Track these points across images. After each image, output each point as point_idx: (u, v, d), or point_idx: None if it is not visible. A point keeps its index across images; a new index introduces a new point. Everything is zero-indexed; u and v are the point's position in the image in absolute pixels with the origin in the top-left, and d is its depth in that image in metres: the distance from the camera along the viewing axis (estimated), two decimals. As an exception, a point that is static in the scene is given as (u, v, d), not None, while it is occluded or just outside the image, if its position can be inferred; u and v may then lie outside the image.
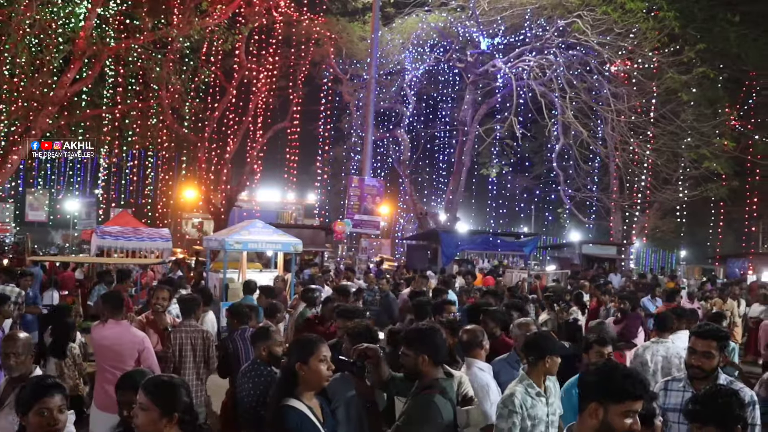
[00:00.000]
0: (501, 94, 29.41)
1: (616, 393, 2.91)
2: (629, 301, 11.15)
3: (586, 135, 25.87)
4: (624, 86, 26.85)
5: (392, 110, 33.80)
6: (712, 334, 4.56)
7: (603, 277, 22.69)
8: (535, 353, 4.88)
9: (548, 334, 5.90)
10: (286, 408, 3.84)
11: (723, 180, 31.05)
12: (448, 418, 4.10)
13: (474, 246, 26.35)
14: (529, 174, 39.73)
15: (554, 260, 31.99)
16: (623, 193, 31.87)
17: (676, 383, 4.69)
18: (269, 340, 5.71)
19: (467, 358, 5.34)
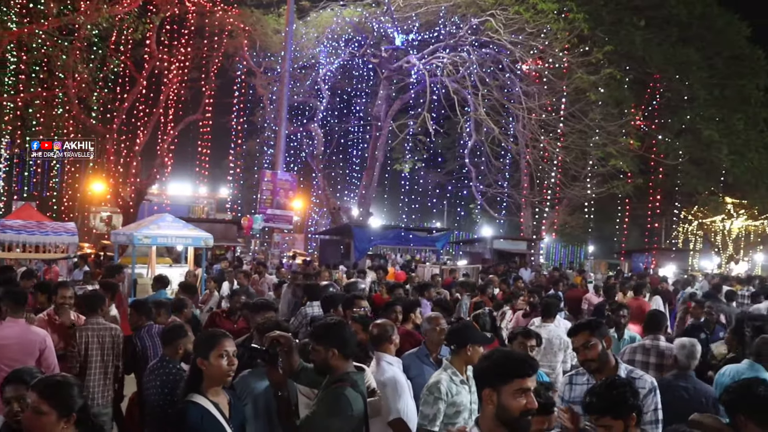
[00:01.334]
0: (415, 90, 29.54)
1: (503, 374, 2.96)
2: (538, 295, 11.42)
3: (497, 132, 26.25)
4: (535, 85, 27.32)
5: (306, 104, 33.57)
6: (582, 327, 4.67)
7: (514, 271, 23.12)
8: (458, 342, 4.99)
9: (471, 324, 5.97)
10: (188, 404, 3.82)
11: (628, 178, 32.01)
12: (358, 411, 4.10)
13: (387, 241, 26.47)
14: (442, 170, 40.09)
15: (466, 255, 32.40)
16: (533, 189, 32.49)
17: (580, 377, 4.74)
18: (185, 338, 5.57)
19: (377, 352, 5.33)
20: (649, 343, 7.00)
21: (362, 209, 31.05)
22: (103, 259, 20.46)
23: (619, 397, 3.67)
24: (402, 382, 5.11)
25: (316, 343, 4.20)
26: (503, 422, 2.95)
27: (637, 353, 6.97)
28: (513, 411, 2.92)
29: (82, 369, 6.70)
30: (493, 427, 2.97)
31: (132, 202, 28.17)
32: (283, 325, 5.20)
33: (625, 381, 3.85)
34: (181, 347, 5.48)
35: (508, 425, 2.95)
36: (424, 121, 25.87)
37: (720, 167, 36.97)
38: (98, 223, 38.35)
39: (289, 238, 32.75)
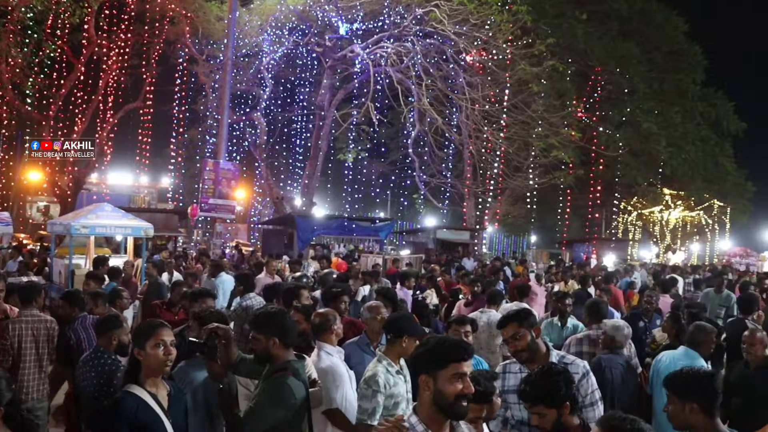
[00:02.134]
0: (359, 79, 29.46)
1: (438, 360, 2.96)
2: (480, 284, 11.54)
3: (441, 122, 26.32)
4: (479, 76, 27.45)
5: (249, 93, 33.24)
6: (511, 318, 4.64)
7: (457, 261, 23.26)
8: (394, 332, 4.96)
9: (410, 315, 5.95)
10: (123, 395, 3.78)
11: (570, 168, 32.45)
12: (301, 400, 4.08)
13: (330, 231, 26.39)
14: (386, 160, 40.14)
15: (409, 245, 32.49)
16: (476, 179, 32.68)
17: (513, 365, 4.72)
18: (119, 328, 5.45)
19: (318, 341, 5.29)
20: (594, 333, 7.07)
21: (305, 199, 30.91)
22: (39, 250, 20.00)
23: (552, 386, 3.69)
24: (341, 372, 5.09)
25: (257, 332, 4.15)
26: (440, 408, 2.95)
27: (584, 344, 7.03)
28: (449, 396, 2.92)
29: (15, 362, 6.53)
30: (431, 414, 2.96)
31: (70, 192, 27.59)
32: (221, 315, 5.12)
33: (560, 370, 3.85)
34: (115, 338, 5.35)
35: (444, 410, 2.95)
36: (367, 110, 25.84)
37: (658, 159, 37.77)
38: (35, 212, 37.52)
39: (232, 228, 32.52)
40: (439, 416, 2.97)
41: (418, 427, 2.94)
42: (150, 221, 16.73)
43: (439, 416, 2.97)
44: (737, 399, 6.70)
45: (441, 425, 2.99)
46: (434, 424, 2.97)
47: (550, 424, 3.69)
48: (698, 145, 39.08)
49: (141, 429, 3.73)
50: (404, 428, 2.92)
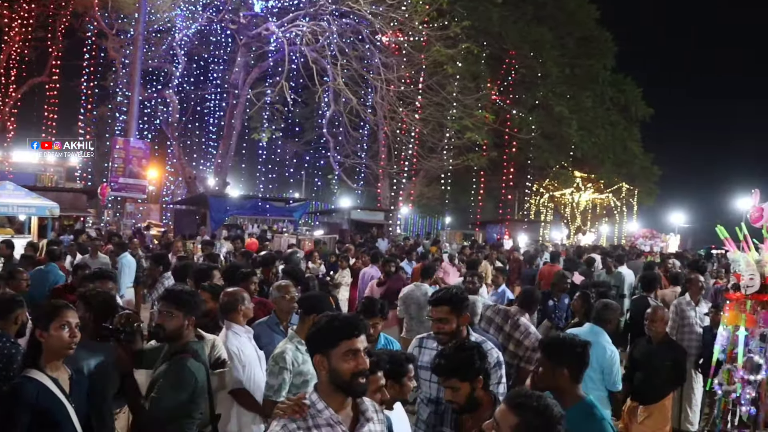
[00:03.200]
0: (273, 58, 29.08)
1: (330, 338, 2.94)
2: (392, 264, 11.64)
3: (355, 103, 26.28)
4: (394, 57, 27.47)
5: (161, 69, 32.44)
6: (444, 301, 4.60)
7: (371, 241, 23.29)
8: (306, 309, 4.93)
9: (321, 294, 5.92)
10: (23, 380, 3.64)
11: (483, 150, 32.84)
12: (202, 381, 4.04)
13: (243, 211, 26.14)
14: (300, 140, 39.76)
15: (324, 225, 32.41)
16: (391, 160, 32.80)
17: (430, 341, 4.71)
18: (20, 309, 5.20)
19: (226, 321, 5.25)
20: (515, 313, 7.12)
21: (219, 179, 30.48)
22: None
23: (466, 359, 3.71)
24: (247, 353, 5.06)
25: (175, 308, 4.10)
26: (337, 386, 2.93)
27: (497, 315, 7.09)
28: (344, 374, 2.90)
29: None
30: (330, 392, 2.95)
31: (-30, 170, 26.55)
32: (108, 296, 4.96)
33: (474, 344, 3.88)
34: (15, 320, 5.13)
35: (342, 389, 2.94)
36: (282, 90, 25.56)
37: (570, 142, 38.61)
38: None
39: (143, 208, 31.80)
40: (338, 394, 2.96)
41: (319, 404, 2.92)
42: (56, 201, 16.31)
43: (338, 394, 2.96)
44: (640, 373, 6.95)
45: (342, 402, 2.98)
46: (334, 401, 2.95)
47: (463, 398, 3.70)
48: (608, 130, 40.20)
49: (42, 415, 3.60)
50: (305, 406, 2.90)
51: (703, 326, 8.67)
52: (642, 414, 6.85)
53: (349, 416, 3.01)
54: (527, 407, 2.79)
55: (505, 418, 2.80)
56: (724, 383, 5.65)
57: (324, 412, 2.92)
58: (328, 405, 2.93)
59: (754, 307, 5.54)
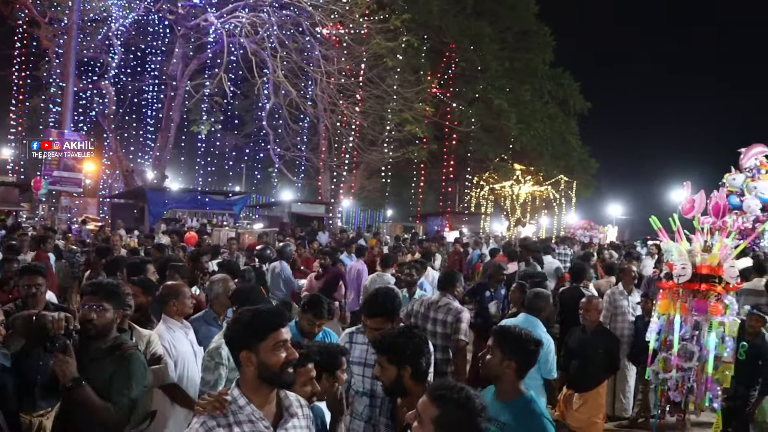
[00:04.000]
0: (212, 49, 28.70)
1: (257, 331, 2.91)
2: (330, 257, 11.62)
3: (295, 95, 26.12)
4: (334, 49, 27.37)
5: (97, 60, 31.67)
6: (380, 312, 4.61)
7: (312, 235, 23.24)
8: (240, 303, 4.94)
9: (255, 286, 5.89)
10: None
11: (424, 143, 32.98)
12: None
13: (183, 204, 25.87)
14: (240, 132, 39.32)
15: (264, 219, 32.22)
16: (332, 153, 32.71)
17: (360, 336, 4.72)
18: None
19: (163, 315, 5.21)
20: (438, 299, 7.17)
21: (157, 172, 30.03)
22: None
23: (400, 344, 3.76)
24: (181, 348, 5.03)
25: (105, 302, 3.98)
26: (267, 380, 2.91)
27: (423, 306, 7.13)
28: (274, 366, 2.88)
29: None
30: (254, 388, 2.92)
31: None
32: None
33: (415, 335, 3.91)
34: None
35: (272, 382, 2.93)
36: (221, 82, 25.28)
37: (509, 135, 38.97)
38: None
39: (80, 202, 31.16)
40: (262, 388, 2.93)
41: (240, 400, 2.89)
42: (-14, 194, 15.90)
43: (262, 388, 2.93)
44: (575, 361, 7.08)
45: (266, 397, 2.96)
46: (257, 396, 2.92)
47: (388, 380, 3.75)
48: (546, 123, 40.70)
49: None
50: (226, 402, 2.86)
51: (635, 315, 8.89)
52: (577, 401, 7.00)
53: (272, 412, 2.99)
54: (448, 399, 2.81)
55: (426, 410, 2.82)
56: (660, 371, 5.78)
57: (246, 408, 2.89)
58: (251, 401, 2.91)
59: (686, 296, 5.69)
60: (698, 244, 5.81)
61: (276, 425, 2.97)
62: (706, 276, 5.62)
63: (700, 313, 5.61)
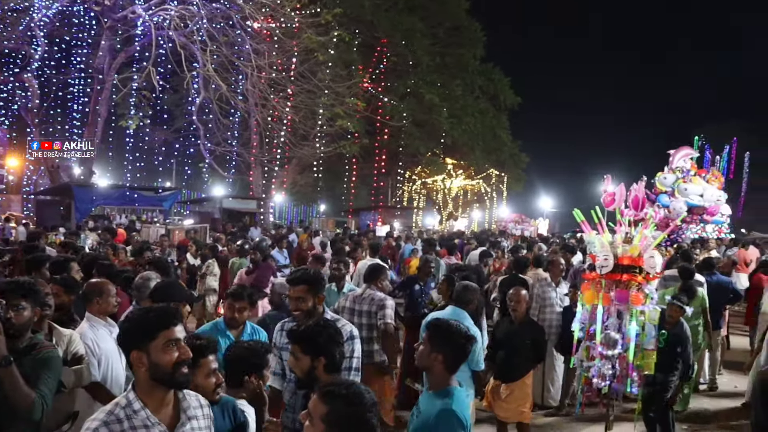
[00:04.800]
0: (140, 42, 28.14)
1: (147, 331, 2.87)
2: (261, 253, 11.61)
3: (225, 89, 25.80)
4: (265, 43, 27.14)
5: (19, 52, 30.72)
6: (302, 280, 4.71)
7: (243, 230, 23.10)
8: (160, 300, 4.84)
9: (175, 282, 5.83)
10: None
11: (355, 138, 32.99)
12: None
13: (111, 201, 25.46)
14: (170, 127, 38.67)
15: (195, 215, 31.86)
16: (263, 148, 32.46)
17: (289, 324, 4.71)
18: None
19: (86, 313, 5.14)
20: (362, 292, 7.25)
21: (84, 168, 29.35)
22: None
23: (314, 334, 3.78)
24: (105, 346, 4.95)
25: (24, 301, 3.93)
26: (159, 380, 2.86)
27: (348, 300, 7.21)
28: (167, 366, 2.83)
29: None
30: (149, 390, 2.87)
31: None
32: None
33: (330, 326, 3.93)
34: None
35: (165, 382, 2.88)
36: (149, 75, 24.83)
37: (440, 130, 39.25)
38: None
39: (2, 199, 30.37)
40: (157, 389, 2.88)
41: (135, 404, 2.83)
42: None
43: (157, 389, 2.88)
44: (502, 352, 7.22)
45: (162, 400, 2.90)
46: (154, 400, 2.87)
47: (301, 370, 3.77)
48: (477, 117, 41.10)
49: None
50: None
51: (563, 306, 9.09)
52: (504, 391, 7.12)
53: (168, 415, 2.92)
54: (336, 396, 2.76)
55: (316, 408, 2.76)
56: (584, 359, 5.92)
57: (140, 413, 2.82)
58: (146, 404, 2.84)
59: (609, 286, 5.84)
60: (619, 236, 5.97)
61: (173, 429, 2.91)
62: (628, 266, 5.78)
63: (622, 302, 5.76)
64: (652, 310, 5.86)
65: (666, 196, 23.90)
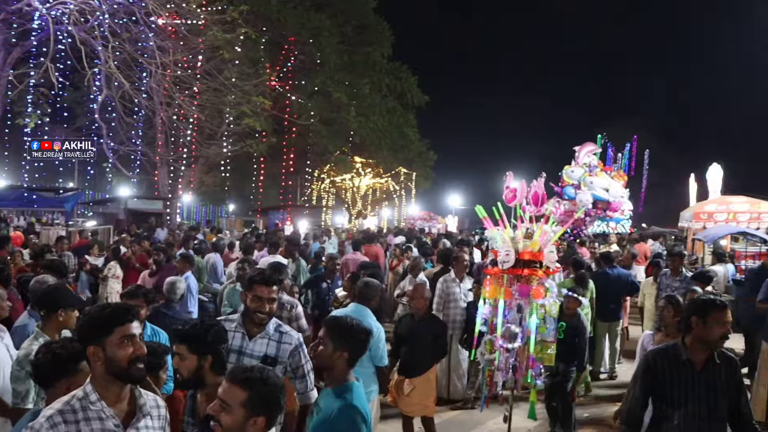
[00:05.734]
0: (38, 37, 27.11)
1: (103, 326, 2.95)
2: (164, 253, 11.54)
3: (129, 87, 25.14)
4: (170, 40, 26.58)
5: None
6: (274, 281, 4.78)
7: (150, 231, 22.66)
8: (48, 306, 4.73)
9: (63, 286, 5.69)
10: None
11: (263, 137, 32.74)
12: None
13: (8, 203, 24.56)
14: (70, 126, 37.52)
15: (99, 216, 31.03)
16: (169, 147, 31.83)
17: (228, 323, 4.67)
18: None
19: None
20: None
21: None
22: None
23: (201, 333, 3.81)
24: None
25: None
26: (115, 375, 2.93)
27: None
28: (122, 361, 2.92)
29: None
30: (106, 384, 2.94)
31: None
32: None
33: (216, 323, 4.01)
34: None
35: (120, 377, 2.95)
36: (48, 72, 23.98)
37: (348, 128, 39.43)
38: None
39: None
40: (113, 384, 2.95)
41: (92, 396, 2.90)
42: None
43: (113, 384, 2.95)
44: (405, 347, 7.32)
45: (118, 395, 2.97)
46: (110, 394, 2.94)
47: (188, 370, 3.77)
48: (385, 116, 41.47)
49: None
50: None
51: (467, 301, 9.26)
52: (408, 387, 7.24)
53: (124, 410, 2.99)
54: (253, 380, 2.88)
55: (234, 395, 2.86)
56: (486, 353, 6.02)
57: (96, 405, 2.89)
58: (103, 397, 2.90)
59: (511, 281, 5.96)
60: (520, 231, 6.09)
61: (128, 424, 2.97)
62: (528, 261, 5.89)
63: (523, 296, 5.89)
64: (552, 303, 6.02)
65: (572, 188, 24.55)
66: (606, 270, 11.01)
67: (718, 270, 14.54)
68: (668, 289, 9.84)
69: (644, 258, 18.08)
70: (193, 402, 3.96)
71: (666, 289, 9.92)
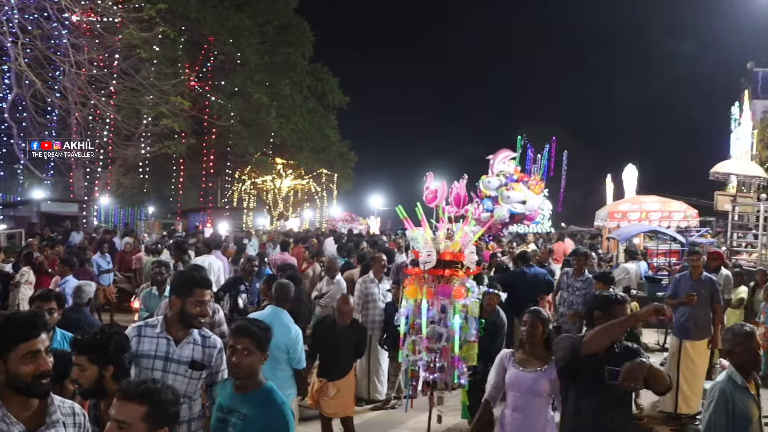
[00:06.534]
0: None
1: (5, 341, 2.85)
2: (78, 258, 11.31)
3: (40, 86, 24.39)
4: (85, 38, 25.89)
5: None
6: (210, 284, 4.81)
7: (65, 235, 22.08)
8: None
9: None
10: None
11: (182, 138, 32.26)
12: None
13: None
14: (-22, 126, 36.24)
15: (10, 219, 30.01)
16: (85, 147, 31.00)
17: (150, 329, 4.58)
18: None
19: None
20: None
21: None
22: None
23: (101, 342, 3.74)
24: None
25: None
26: (19, 390, 2.84)
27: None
28: (25, 377, 2.82)
29: None
30: (9, 394, 2.85)
31: None
32: None
33: (117, 333, 3.91)
34: None
35: (23, 391, 2.86)
36: (-50, 69, 23.12)
37: (269, 129, 39.20)
38: None
39: None
40: (16, 396, 2.86)
41: None
42: None
43: (16, 396, 2.86)
44: (326, 352, 7.36)
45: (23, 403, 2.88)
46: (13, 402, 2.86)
47: (88, 380, 3.68)
48: (306, 117, 41.40)
49: None
50: None
51: (386, 302, 9.32)
52: (332, 389, 7.24)
53: (31, 419, 2.90)
54: (150, 392, 2.80)
55: (131, 412, 2.76)
56: (410, 353, 6.04)
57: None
58: (7, 407, 2.82)
59: (432, 281, 5.99)
60: (441, 232, 6.14)
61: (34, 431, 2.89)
62: (450, 262, 5.94)
63: (445, 296, 5.94)
64: (473, 303, 6.08)
65: (490, 201, 24.89)
66: (523, 269, 11.18)
67: (631, 267, 14.97)
68: (569, 289, 10.03)
69: (562, 257, 18.49)
70: (96, 410, 3.87)
71: (567, 289, 10.11)
